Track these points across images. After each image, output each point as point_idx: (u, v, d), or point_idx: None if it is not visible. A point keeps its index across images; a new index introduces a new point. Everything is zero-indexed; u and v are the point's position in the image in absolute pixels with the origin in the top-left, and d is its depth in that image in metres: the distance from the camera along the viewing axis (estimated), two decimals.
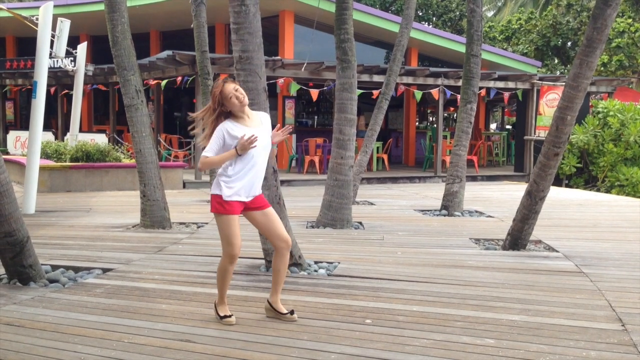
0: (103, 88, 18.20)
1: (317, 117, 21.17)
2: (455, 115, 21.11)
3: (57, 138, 17.66)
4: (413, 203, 11.04)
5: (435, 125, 17.18)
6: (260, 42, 5.53)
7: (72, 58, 14.28)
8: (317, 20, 13.43)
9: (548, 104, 16.86)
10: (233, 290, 4.69)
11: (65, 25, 11.50)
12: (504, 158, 21.06)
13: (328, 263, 5.95)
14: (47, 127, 16.32)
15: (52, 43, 10.52)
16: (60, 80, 18.45)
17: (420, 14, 29.84)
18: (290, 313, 4.14)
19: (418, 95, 16.49)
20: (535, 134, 16.99)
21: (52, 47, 10.73)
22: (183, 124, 20.37)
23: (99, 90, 18.85)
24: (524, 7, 32.40)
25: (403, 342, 3.76)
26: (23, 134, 16.47)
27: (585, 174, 16.47)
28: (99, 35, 19.51)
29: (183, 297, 4.81)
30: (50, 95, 16.93)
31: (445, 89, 16.10)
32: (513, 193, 12.59)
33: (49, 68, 11.00)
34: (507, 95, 17.03)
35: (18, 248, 5.07)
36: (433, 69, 16.29)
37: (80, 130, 14.71)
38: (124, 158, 13.48)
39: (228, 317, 4.12)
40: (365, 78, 15.18)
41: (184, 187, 13.34)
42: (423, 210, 9.94)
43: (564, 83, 6.35)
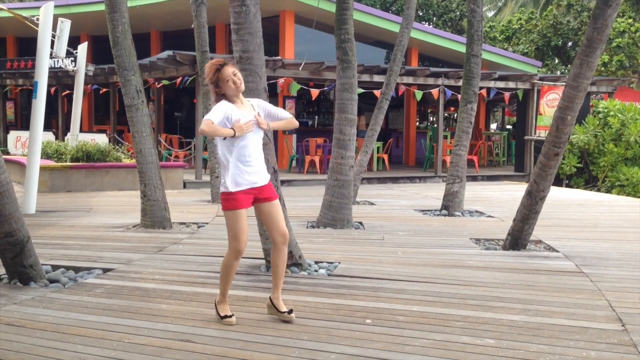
0: (103, 89, 18.23)
1: (317, 117, 21.18)
2: (456, 115, 21.08)
3: (57, 138, 17.66)
4: (413, 203, 11.04)
5: (436, 125, 17.18)
6: (261, 42, 5.54)
7: (72, 58, 14.30)
8: (317, 21, 13.43)
9: (548, 104, 16.86)
10: (233, 291, 4.68)
11: (66, 26, 11.50)
12: (505, 158, 21.06)
13: (328, 263, 5.96)
14: (47, 127, 16.32)
15: (52, 43, 10.53)
16: (61, 81, 18.46)
17: (421, 14, 29.85)
18: (289, 312, 4.14)
19: (418, 95, 16.49)
20: (536, 134, 16.99)
21: (52, 47, 10.74)
22: (183, 124, 20.39)
23: (100, 90, 18.85)
24: (525, 7, 32.39)
25: (403, 342, 3.76)
26: (23, 134, 16.47)
27: (586, 174, 16.46)
28: (100, 36, 19.51)
29: (183, 297, 4.81)
30: (51, 95, 16.94)
31: (446, 89, 16.10)
32: (513, 193, 12.58)
33: (50, 68, 11.00)
34: (507, 95, 17.04)
35: (18, 248, 5.07)
36: (433, 69, 16.30)
37: (81, 130, 14.71)
38: (125, 158, 13.48)
39: (228, 317, 4.12)
40: (366, 78, 15.18)
41: (185, 187, 13.35)
42: (423, 210, 9.94)
43: (565, 83, 6.36)
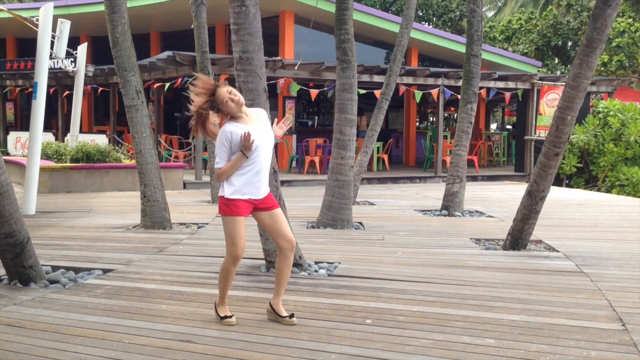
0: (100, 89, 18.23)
1: (317, 117, 21.17)
2: (456, 116, 21.09)
3: (57, 139, 17.68)
4: (413, 203, 11.04)
5: (436, 126, 17.18)
6: (261, 42, 5.54)
7: (72, 59, 14.30)
8: (317, 21, 13.45)
9: (548, 104, 16.86)
10: (233, 291, 4.68)
11: (66, 26, 11.50)
12: (505, 158, 21.06)
13: (328, 263, 5.96)
14: (47, 127, 16.33)
15: (52, 44, 10.52)
16: (61, 81, 18.46)
17: (421, 14, 29.85)
18: (290, 317, 4.13)
19: (418, 96, 16.49)
20: (536, 134, 16.99)
21: (52, 48, 10.73)
22: (183, 125, 20.39)
23: (100, 91, 18.85)
24: (524, 7, 32.39)
25: (403, 342, 3.76)
26: (23, 135, 16.48)
27: (586, 174, 16.46)
28: (99, 36, 19.51)
29: (183, 297, 4.81)
30: (51, 96, 16.94)
31: (446, 89, 16.10)
32: (513, 193, 12.58)
33: (49, 69, 11.00)
34: (508, 95, 17.03)
35: (18, 249, 5.07)
36: (433, 69, 16.30)
37: (81, 131, 14.72)
38: (124, 159, 13.48)
39: (228, 317, 4.12)
40: (366, 78, 15.18)
41: (184, 187, 13.35)
42: (423, 211, 9.94)
43: (564, 83, 6.35)
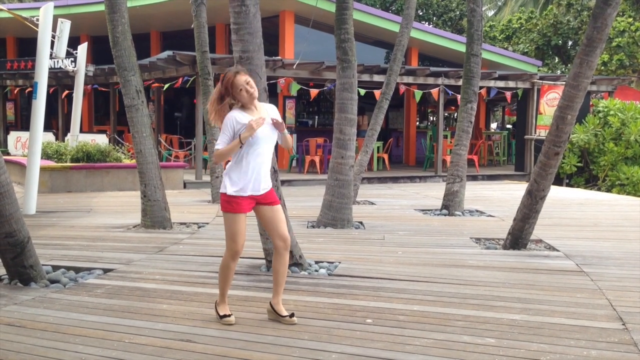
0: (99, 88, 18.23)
1: (317, 117, 21.17)
2: (456, 115, 21.09)
3: (57, 138, 17.68)
4: (414, 203, 11.04)
5: (436, 125, 17.18)
6: (261, 42, 5.54)
7: (72, 59, 14.29)
8: (317, 20, 13.45)
9: (548, 103, 16.86)
10: (233, 290, 4.69)
11: (66, 26, 11.50)
12: (505, 157, 21.06)
13: (329, 263, 5.96)
14: (47, 127, 16.31)
15: (52, 44, 10.52)
16: (61, 81, 18.46)
17: (421, 14, 29.84)
18: (290, 316, 4.12)
19: (418, 95, 16.49)
20: (536, 134, 16.99)
21: (52, 47, 10.73)
22: (183, 125, 20.40)
23: (100, 91, 18.86)
24: (525, 6, 32.39)
25: (404, 341, 3.76)
26: (24, 135, 16.48)
27: (586, 173, 16.46)
28: (100, 36, 19.51)
29: (184, 297, 4.81)
30: (51, 96, 16.94)
31: (446, 89, 16.11)
32: (513, 192, 12.58)
33: (50, 69, 11.00)
34: (509, 95, 17.03)
35: (19, 249, 5.07)
36: (433, 69, 16.30)
37: (81, 131, 14.72)
38: (125, 158, 13.48)
39: (227, 316, 4.12)
40: (366, 78, 15.18)
41: (185, 187, 13.35)
42: (424, 210, 9.94)
43: (565, 82, 6.35)
